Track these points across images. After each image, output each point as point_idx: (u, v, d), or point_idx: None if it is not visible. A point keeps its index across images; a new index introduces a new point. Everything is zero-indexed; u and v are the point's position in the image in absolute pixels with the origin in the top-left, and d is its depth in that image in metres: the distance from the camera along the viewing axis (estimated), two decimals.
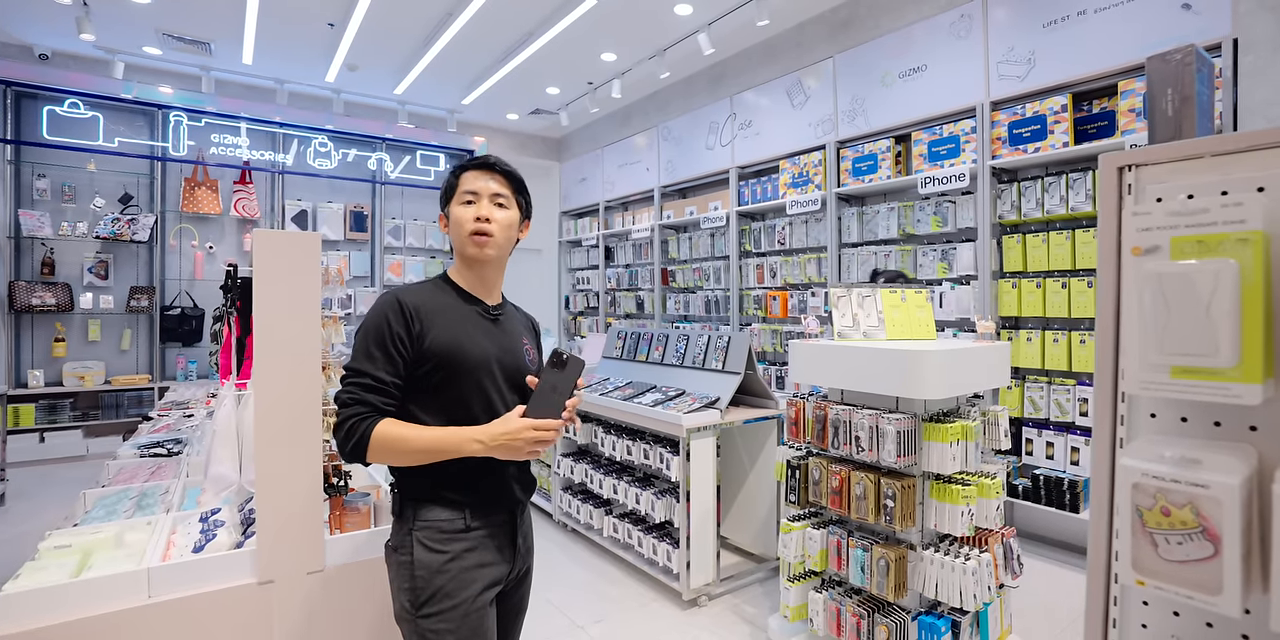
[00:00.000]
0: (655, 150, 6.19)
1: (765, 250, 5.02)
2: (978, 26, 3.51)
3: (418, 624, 1.17)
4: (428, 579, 1.17)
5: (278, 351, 1.49)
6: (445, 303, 1.27)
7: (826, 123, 4.41)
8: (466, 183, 1.29)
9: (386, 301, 1.21)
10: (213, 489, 1.63)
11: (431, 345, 1.20)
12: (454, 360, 1.22)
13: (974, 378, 2.08)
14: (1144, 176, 0.66)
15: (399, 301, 1.21)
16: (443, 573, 1.18)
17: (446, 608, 1.16)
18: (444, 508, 1.21)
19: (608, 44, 5.18)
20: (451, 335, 1.23)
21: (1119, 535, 0.65)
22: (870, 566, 2.05)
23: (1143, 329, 0.58)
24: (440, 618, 1.16)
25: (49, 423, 5.03)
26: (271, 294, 1.49)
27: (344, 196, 6.50)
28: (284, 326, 1.50)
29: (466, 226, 1.27)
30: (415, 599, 1.17)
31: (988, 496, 2.01)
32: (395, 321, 1.19)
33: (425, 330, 1.20)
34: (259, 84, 6.11)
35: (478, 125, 7.51)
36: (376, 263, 6.59)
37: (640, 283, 6.46)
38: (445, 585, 1.17)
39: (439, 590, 1.17)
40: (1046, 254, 3.27)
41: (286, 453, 1.49)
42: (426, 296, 1.25)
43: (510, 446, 1.14)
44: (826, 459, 2.22)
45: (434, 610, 1.16)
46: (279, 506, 1.48)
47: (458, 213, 1.28)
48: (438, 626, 1.16)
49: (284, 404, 1.49)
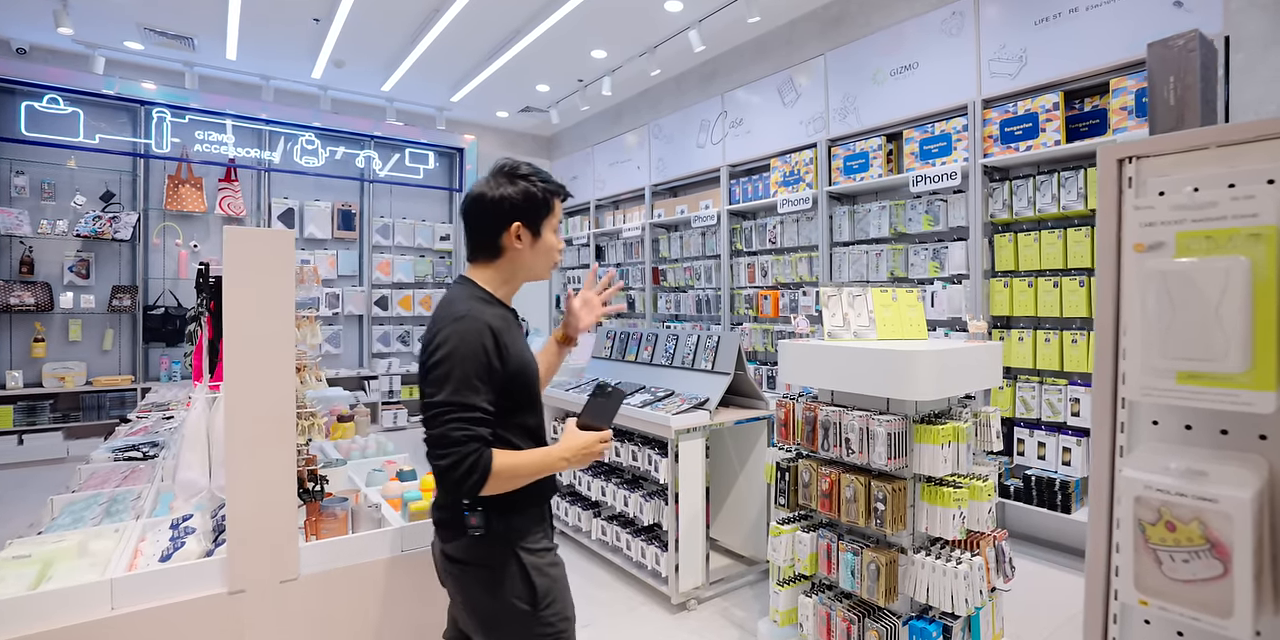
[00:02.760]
0: (646, 148, 6.14)
1: (756, 249, 4.99)
2: (969, 24, 3.49)
3: (539, 617, 1.24)
4: (546, 583, 1.26)
5: (249, 352, 1.44)
6: (506, 320, 1.29)
7: (818, 121, 4.38)
8: (559, 210, 1.36)
9: (477, 328, 1.19)
10: (182, 495, 1.57)
11: (512, 367, 1.24)
12: (527, 378, 1.29)
13: (966, 378, 2.04)
14: (1145, 169, 0.62)
15: (490, 329, 1.20)
16: (555, 566, 1.30)
17: (558, 595, 1.28)
18: (535, 506, 1.30)
19: (598, 41, 5.13)
20: (521, 355, 1.28)
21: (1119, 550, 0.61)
22: (861, 570, 2.01)
23: (1146, 331, 0.54)
24: (556, 604, 1.27)
25: (28, 424, 4.94)
26: (242, 293, 1.44)
27: (332, 195, 6.42)
28: (256, 327, 1.45)
29: (555, 256, 1.36)
30: (536, 598, 1.24)
31: (979, 499, 1.98)
32: (490, 350, 1.19)
33: (507, 354, 1.23)
34: (244, 80, 6.02)
35: (467, 123, 7.44)
36: (365, 262, 6.52)
37: (631, 282, 6.42)
38: (559, 578, 1.30)
39: (553, 584, 1.27)
40: (1038, 253, 3.25)
41: (258, 456, 1.44)
42: (496, 317, 1.25)
43: (588, 456, 1.26)
44: (816, 461, 2.19)
45: (550, 600, 1.26)
46: (250, 513, 1.43)
47: (551, 240, 1.35)
48: (556, 618, 1.26)
49: (256, 406, 1.44)
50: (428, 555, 1.70)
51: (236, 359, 1.43)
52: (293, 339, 1.51)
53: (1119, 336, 0.64)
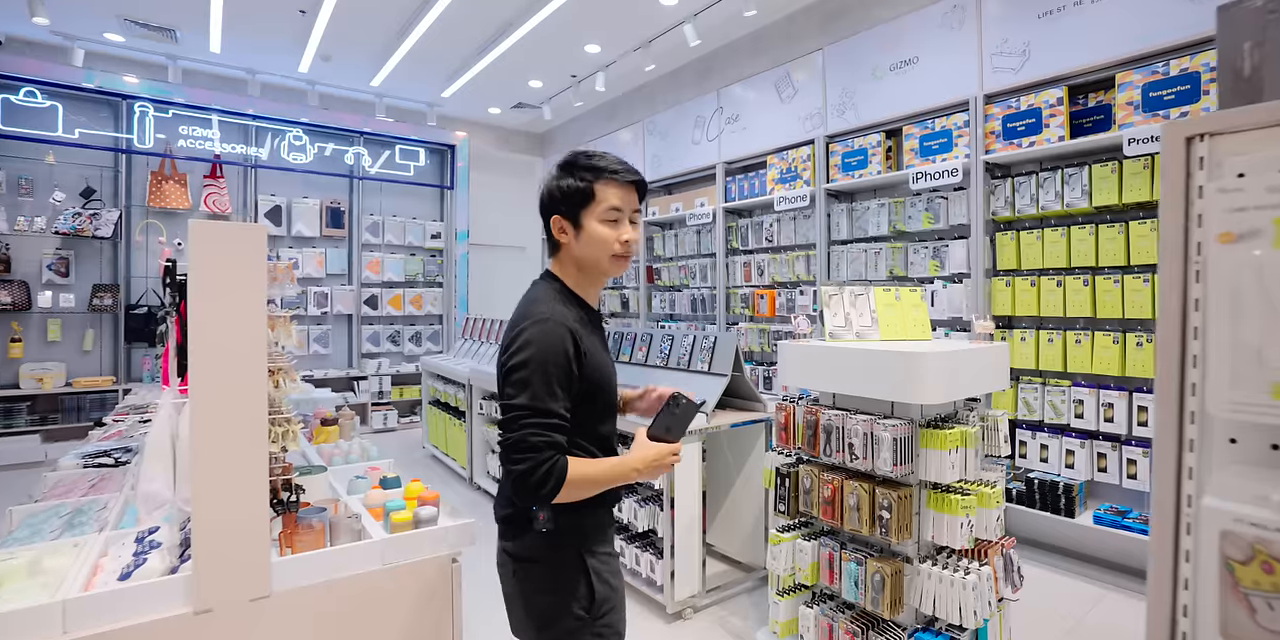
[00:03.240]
0: (640, 145, 6.05)
1: (753, 248, 4.91)
2: (971, 17, 3.42)
3: (594, 625, 1.24)
4: (606, 590, 1.25)
5: (216, 355, 1.34)
6: (584, 322, 1.26)
7: (815, 117, 4.30)
8: (609, 197, 1.23)
9: (557, 332, 1.16)
10: (145, 508, 1.47)
11: (590, 374, 1.22)
12: (605, 386, 1.26)
13: (974, 380, 1.97)
14: (1220, 147, 0.54)
15: (571, 333, 1.18)
16: (616, 575, 1.30)
17: (616, 605, 1.28)
18: (595, 515, 1.27)
19: (591, 35, 5.04)
20: (600, 360, 1.25)
21: (1191, 587, 0.52)
22: (865, 581, 1.93)
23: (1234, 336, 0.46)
24: (612, 614, 1.27)
25: (4, 427, 4.80)
26: (209, 292, 1.34)
27: (320, 192, 6.29)
28: (223, 328, 1.35)
29: (611, 247, 1.24)
30: (593, 606, 1.24)
31: (988, 506, 1.91)
32: (572, 354, 1.17)
33: (586, 360, 1.21)
34: (229, 74, 5.88)
35: (459, 119, 7.33)
36: (354, 260, 6.40)
37: (625, 280, 6.33)
38: (619, 589, 1.29)
39: (611, 593, 1.27)
40: (1041, 251, 3.18)
41: (226, 465, 1.34)
42: (575, 319, 1.22)
43: (659, 469, 1.21)
44: (818, 467, 2.11)
45: (607, 609, 1.25)
46: (217, 526, 1.33)
47: (599, 231, 1.23)
48: (606, 627, 1.25)
49: (223, 413, 1.34)
50: (412, 569, 1.61)
51: (203, 362, 1.33)
52: (264, 341, 1.41)
53: (1186, 341, 0.56)
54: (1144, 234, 2.86)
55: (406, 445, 5.85)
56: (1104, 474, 3.01)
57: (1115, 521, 2.88)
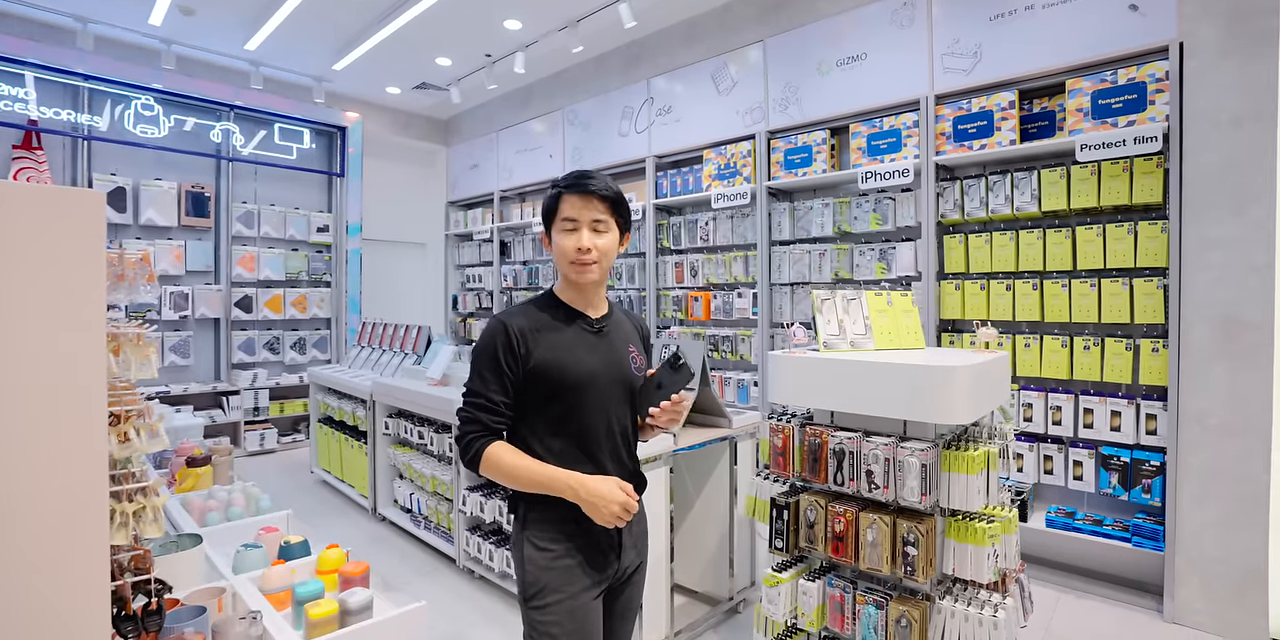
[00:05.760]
0: (560, 135, 5.63)
1: (685, 247, 4.66)
2: (921, 16, 3.35)
3: (528, 614, 1.28)
4: (536, 574, 1.27)
5: (16, 398, 0.83)
6: (548, 322, 1.33)
7: (756, 111, 4.12)
8: (566, 208, 1.30)
9: (494, 327, 1.30)
10: None
11: (536, 365, 1.28)
12: (557, 378, 1.28)
13: (991, 395, 1.79)
14: None
15: (504, 325, 1.29)
16: (550, 569, 1.27)
17: (552, 602, 1.26)
18: (552, 507, 1.27)
19: (512, 9, 4.56)
20: (554, 355, 1.29)
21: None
22: (887, 626, 1.69)
23: None
24: (546, 610, 1.25)
25: None
26: (5, 299, 0.83)
27: (178, 173, 5.30)
28: (25, 356, 0.84)
29: (569, 255, 1.30)
30: (525, 591, 1.28)
31: (1010, 532, 1.74)
32: (501, 345, 1.27)
33: (530, 351, 1.28)
34: (51, 19, 4.76)
35: (351, 98, 6.52)
36: (222, 255, 5.45)
37: (541, 281, 5.88)
38: (552, 581, 1.26)
39: (546, 585, 1.26)
40: (989, 255, 3.17)
41: (29, 584, 0.83)
42: (531, 318, 1.32)
43: (595, 507, 1.20)
44: (824, 496, 1.85)
45: (541, 603, 1.26)
46: None
47: (558, 241, 1.31)
48: (545, 618, 1.25)
49: (25, 482, 0.83)
50: None
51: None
52: (104, 368, 0.91)
53: None
54: (1091, 239, 2.90)
55: (290, 469, 5.05)
56: (1050, 476, 3.03)
57: (1067, 524, 2.89)
